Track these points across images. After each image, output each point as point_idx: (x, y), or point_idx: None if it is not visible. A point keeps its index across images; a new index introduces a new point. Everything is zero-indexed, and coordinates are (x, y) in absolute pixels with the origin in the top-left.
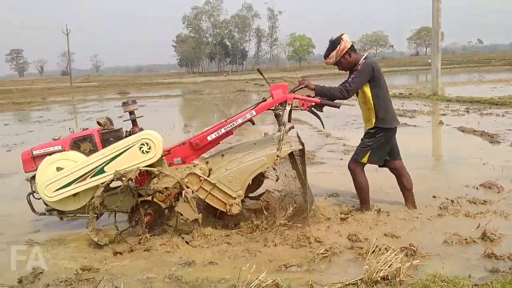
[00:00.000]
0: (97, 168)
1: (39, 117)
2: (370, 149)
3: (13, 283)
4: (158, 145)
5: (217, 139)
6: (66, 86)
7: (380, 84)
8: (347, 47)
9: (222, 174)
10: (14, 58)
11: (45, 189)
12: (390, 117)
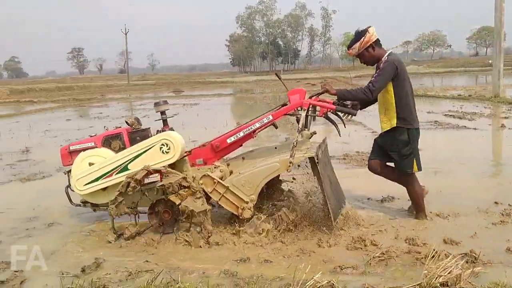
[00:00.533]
0: (122, 165)
1: (99, 113)
2: (413, 156)
3: (76, 272)
4: (177, 146)
5: (237, 142)
6: (124, 84)
7: (404, 83)
8: (371, 40)
9: (236, 177)
10: (75, 56)
11: (76, 182)
12: (413, 117)
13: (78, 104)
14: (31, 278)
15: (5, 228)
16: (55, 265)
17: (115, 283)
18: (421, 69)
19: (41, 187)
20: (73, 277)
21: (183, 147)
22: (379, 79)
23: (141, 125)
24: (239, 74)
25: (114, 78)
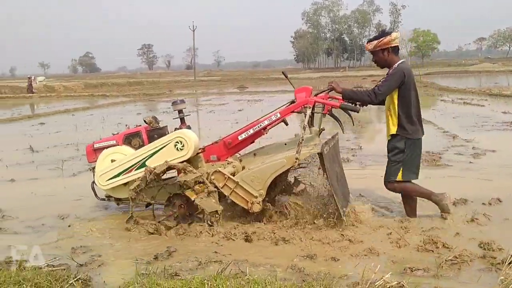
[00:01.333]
0: (140, 162)
1: (167, 108)
2: (401, 166)
3: (149, 259)
4: (191, 144)
5: (248, 139)
6: (190, 79)
7: (409, 93)
8: (390, 45)
9: (245, 173)
10: (145, 53)
11: (99, 178)
12: (414, 128)
13: (148, 99)
14: (108, 262)
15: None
16: (130, 251)
17: (186, 271)
18: (496, 67)
19: None
20: (147, 264)
21: (196, 144)
22: (385, 84)
23: (159, 123)
24: (303, 71)
25: (181, 74)
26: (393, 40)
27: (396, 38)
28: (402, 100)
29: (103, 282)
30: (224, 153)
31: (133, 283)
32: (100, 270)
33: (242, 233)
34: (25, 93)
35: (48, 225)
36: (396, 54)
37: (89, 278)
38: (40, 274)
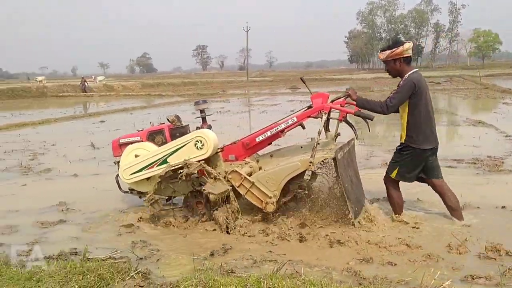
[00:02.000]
0: (162, 159)
1: (221, 108)
2: (398, 165)
3: (206, 255)
4: (210, 143)
5: (265, 141)
6: (243, 80)
7: (420, 102)
8: (402, 55)
9: (261, 174)
10: (199, 53)
11: (123, 172)
12: (422, 137)
13: (202, 99)
14: (166, 257)
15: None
16: (187, 247)
17: (241, 269)
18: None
19: None
20: (203, 260)
21: (215, 144)
22: (397, 96)
23: (181, 122)
24: (357, 71)
25: (234, 74)
26: (405, 50)
27: (408, 48)
28: (412, 110)
29: (162, 275)
30: (242, 153)
31: (191, 278)
32: (159, 264)
33: (296, 233)
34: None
35: (109, 218)
36: (408, 64)
37: (149, 271)
38: (103, 266)
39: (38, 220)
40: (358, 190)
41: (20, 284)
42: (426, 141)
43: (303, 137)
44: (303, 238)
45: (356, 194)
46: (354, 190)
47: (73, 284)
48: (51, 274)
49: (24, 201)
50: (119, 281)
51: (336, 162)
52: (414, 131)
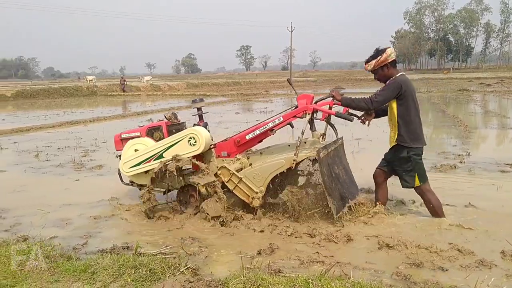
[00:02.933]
0: (158, 153)
1: (264, 108)
2: (415, 172)
3: (253, 253)
4: (202, 140)
5: (255, 138)
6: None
7: (408, 103)
8: (387, 60)
9: (248, 170)
10: (243, 54)
11: (123, 165)
12: (412, 137)
13: (245, 99)
14: (214, 254)
15: None
16: (234, 245)
17: (289, 269)
18: None
19: None
20: (251, 258)
21: (208, 141)
22: (382, 93)
23: (178, 119)
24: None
25: (277, 74)
26: (389, 55)
27: (392, 53)
28: (401, 111)
29: (211, 272)
30: (234, 150)
31: (239, 276)
32: (207, 261)
33: (344, 235)
34: (134, 91)
35: (160, 215)
36: (395, 67)
37: (198, 267)
38: (154, 261)
39: (91, 215)
40: (346, 186)
41: (76, 275)
42: (417, 140)
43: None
44: (351, 240)
45: (340, 191)
46: (339, 187)
47: (126, 277)
48: (105, 267)
49: (77, 196)
50: (169, 276)
51: (317, 160)
52: (405, 131)
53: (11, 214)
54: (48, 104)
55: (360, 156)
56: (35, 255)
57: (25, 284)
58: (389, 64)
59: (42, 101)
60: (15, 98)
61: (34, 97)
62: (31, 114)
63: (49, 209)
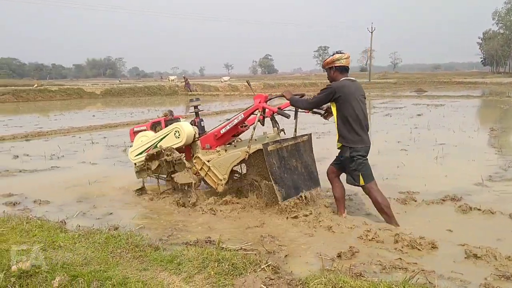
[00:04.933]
0: (154, 144)
1: None
2: (359, 172)
3: (333, 256)
4: (184, 133)
5: (228, 133)
6: (364, 81)
7: (346, 107)
8: (334, 64)
9: (215, 160)
10: (320, 55)
11: (131, 154)
12: (353, 138)
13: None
14: (293, 254)
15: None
16: (313, 246)
17: (370, 274)
18: None
19: None
20: (331, 260)
21: (189, 134)
22: (316, 97)
23: (173, 116)
24: (491, 75)
25: (355, 76)
26: (336, 60)
27: (339, 59)
28: (340, 113)
29: (291, 271)
30: (214, 143)
31: (320, 277)
32: (287, 260)
33: (428, 243)
34: (213, 91)
35: (240, 211)
36: (341, 73)
37: (278, 265)
38: (236, 256)
39: (175, 208)
40: (303, 178)
41: (163, 265)
42: (358, 142)
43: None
44: (435, 247)
45: (294, 181)
46: (294, 177)
47: (209, 270)
48: (190, 259)
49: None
50: (251, 272)
51: (263, 152)
52: (345, 132)
53: (102, 204)
54: (134, 102)
55: (445, 161)
56: (125, 243)
57: (117, 270)
58: (335, 68)
59: (128, 99)
60: (104, 96)
61: (121, 95)
62: (118, 111)
63: (138, 202)
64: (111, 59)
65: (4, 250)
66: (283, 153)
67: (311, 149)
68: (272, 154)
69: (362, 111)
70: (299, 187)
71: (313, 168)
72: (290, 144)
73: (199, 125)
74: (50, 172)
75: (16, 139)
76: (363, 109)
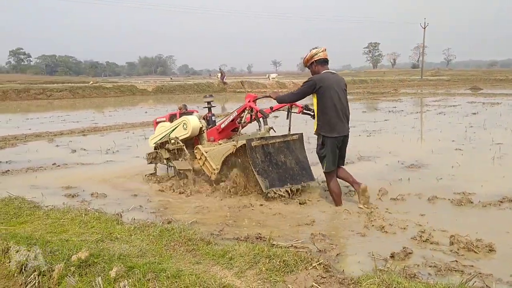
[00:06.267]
0: (168, 134)
1: (393, 107)
2: (324, 158)
3: (385, 256)
4: (190, 126)
5: (227, 128)
6: (416, 78)
7: (324, 97)
8: (313, 59)
9: (211, 151)
10: (370, 51)
11: (150, 141)
12: (329, 127)
13: (372, 97)
14: (344, 253)
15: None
16: (365, 246)
17: (425, 276)
18: None
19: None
20: (384, 261)
21: (195, 127)
22: (300, 89)
23: (187, 109)
24: None
25: (406, 72)
26: (314, 55)
27: (316, 53)
28: (319, 104)
29: (342, 270)
30: (217, 136)
31: (373, 276)
32: (338, 259)
33: (485, 245)
34: (260, 88)
35: (289, 209)
36: (322, 65)
37: (330, 264)
38: (287, 253)
39: (225, 204)
40: (291, 173)
41: (215, 259)
42: (333, 130)
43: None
44: (493, 250)
45: (279, 174)
46: (280, 171)
47: (261, 266)
48: (241, 254)
49: None
50: (302, 270)
51: (247, 146)
52: (321, 121)
53: (155, 198)
54: (184, 99)
55: (502, 162)
56: (178, 237)
57: (171, 262)
58: (315, 63)
59: (178, 96)
60: (155, 93)
61: (172, 92)
62: (169, 108)
63: (190, 197)
64: (162, 57)
65: (65, 240)
66: (268, 149)
67: (302, 146)
68: (256, 149)
69: (340, 102)
70: (286, 180)
71: (305, 164)
72: (278, 141)
73: (210, 119)
74: (105, 166)
75: (73, 134)
76: (342, 100)
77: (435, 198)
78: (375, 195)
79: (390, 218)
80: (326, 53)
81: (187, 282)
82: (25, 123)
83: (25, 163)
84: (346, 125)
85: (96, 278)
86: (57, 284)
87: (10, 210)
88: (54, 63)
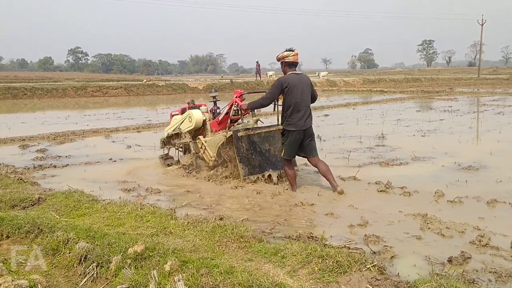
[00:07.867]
0: (177, 125)
1: (448, 106)
2: (284, 147)
3: (443, 260)
4: (194, 119)
5: (224, 120)
6: (472, 77)
7: (289, 96)
8: (284, 60)
9: (209, 140)
10: (424, 49)
11: (166, 131)
12: (292, 122)
13: (426, 96)
14: (400, 255)
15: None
16: (420, 249)
17: (484, 281)
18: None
19: (399, 173)
20: (441, 265)
21: (199, 120)
22: (269, 92)
23: (194, 104)
24: None
25: (461, 71)
26: (285, 56)
27: (287, 56)
28: (285, 101)
29: (397, 273)
30: (217, 127)
31: (430, 281)
32: (393, 262)
33: None
34: None
35: (341, 209)
36: (290, 68)
37: (384, 266)
38: (340, 253)
39: (276, 202)
40: (273, 160)
41: (267, 257)
42: (292, 125)
43: None
44: None
45: (260, 162)
46: (262, 159)
47: (313, 265)
48: (293, 253)
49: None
50: (356, 271)
51: (233, 136)
52: (284, 116)
53: (208, 194)
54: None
55: None
56: (231, 233)
57: (223, 258)
58: (285, 63)
59: (228, 94)
60: (206, 90)
61: (222, 90)
62: (221, 106)
63: (241, 194)
64: (213, 55)
65: (121, 233)
66: (254, 138)
67: None
68: (242, 139)
69: (302, 100)
70: (267, 166)
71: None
72: (263, 131)
73: (215, 112)
74: (159, 162)
75: (128, 130)
76: (304, 98)
77: (494, 202)
78: (431, 197)
79: (447, 221)
80: (296, 57)
81: (240, 279)
82: (83, 120)
83: (83, 158)
84: (307, 120)
85: (152, 271)
86: (114, 275)
87: (70, 203)
88: (109, 62)
